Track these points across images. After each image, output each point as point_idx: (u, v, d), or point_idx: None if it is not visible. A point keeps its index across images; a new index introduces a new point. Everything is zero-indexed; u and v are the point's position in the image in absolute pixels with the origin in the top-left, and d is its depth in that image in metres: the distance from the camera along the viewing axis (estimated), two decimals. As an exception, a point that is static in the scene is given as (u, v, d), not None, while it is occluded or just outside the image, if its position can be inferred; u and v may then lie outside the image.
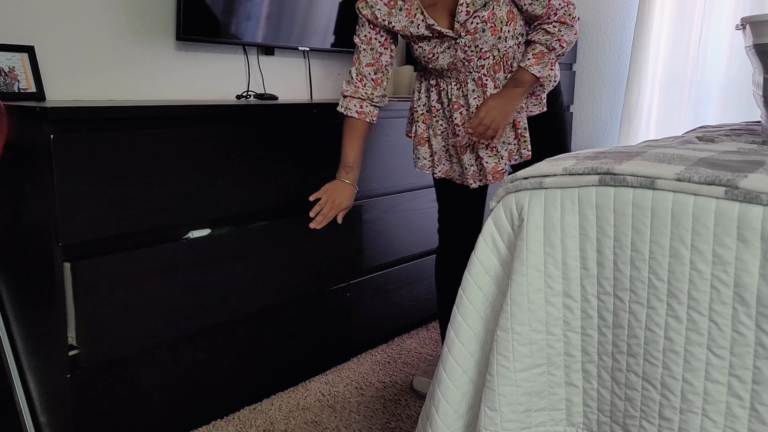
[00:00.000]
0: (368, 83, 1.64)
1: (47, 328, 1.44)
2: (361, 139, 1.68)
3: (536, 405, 1.07)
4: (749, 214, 0.84)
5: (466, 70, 1.59)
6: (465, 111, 1.62)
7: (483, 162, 1.63)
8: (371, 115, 1.68)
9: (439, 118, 1.68)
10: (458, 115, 1.62)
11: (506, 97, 1.54)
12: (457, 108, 1.62)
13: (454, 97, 1.62)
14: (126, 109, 1.43)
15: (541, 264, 1.02)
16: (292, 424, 1.73)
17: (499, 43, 1.56)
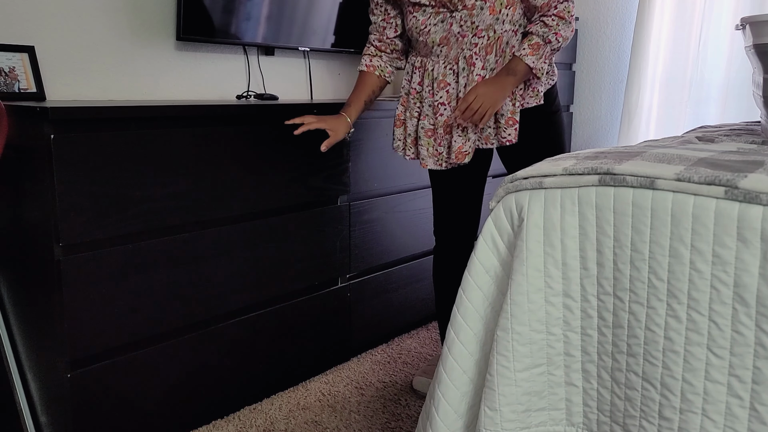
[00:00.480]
0: (374, 48, 1.75)
1: (47, 328, 1.44)
2: (365, 88, 1.73)
3: (536, 405, 1.07)
4: (749, 214, 0.84)
5: (459, 46, 1.59)
6: (453, 89, 1.62)
7: (452, 141, 1.62)
8: (381, 69, 1.73)
9: (416, 101, 1.68)
10: (444, 93, 1.62)
11: (498, 85, 1.53)
12: (443, 87, 1.62)
13: (441, 76, 1.62)
14: (126, 109, 1.43)
15: (541, 264, 1.02)
16: (292, 424, 1.73)
17: (496, 25, 1.56)
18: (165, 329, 1.58)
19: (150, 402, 1.58)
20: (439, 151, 1.65)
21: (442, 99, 1.62)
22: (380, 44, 1.74)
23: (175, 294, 1.59)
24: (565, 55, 3.03)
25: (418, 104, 1.68)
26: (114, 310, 1.48)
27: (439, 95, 1.63)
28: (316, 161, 1.87)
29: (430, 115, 1.65)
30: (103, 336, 1.47)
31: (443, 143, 1.64)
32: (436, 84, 1.63)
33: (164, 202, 1.53)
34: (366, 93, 1.75)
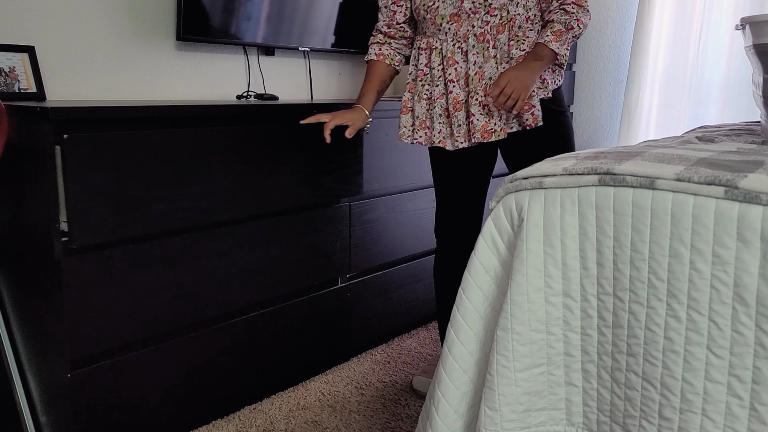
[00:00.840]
0: (384, 36, 1.74)
1: (47, 328, 1.44)
2: (377, 77, 1.73)
3: (536, 405, 1.07)
4: (749, 214, 0.84)
5: (469, 23, 1.58)
6: (461, 67, 1.61)
7: (474, 119, 1.61)
8: (391, 58, 1.73)
9: (425, 83, 1.67)
10: (453, 71, 1.61)
11: (527, 69, 1.53)
12: (452, 64, 1.61)
13: (449, 53, 1.61)
14: (126, 109, 1.43)
15: (540, 264, 1.02)
16: (292, 424, 1.73)
17: (510, 5, 1.57)
18: (165, 329, 1.58)
19: (150, 402, 1.58)
20: (452, 130, 1.64)
21: (451, 76, 1.61)
22: (389, 30, 1.73)
23: (175, 294, 1.59)
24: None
25: (427, 86, 1.67)
26: (114, 310, 1.48)
27: (449, 72, 1.61)
28: (316, 162, 1.87)
29: (445, 93, 1.64)
30: (103, 336, 1.47)
31: (454, 121, 1.63)
32: (446, 61, 1.61)
33: (165, 204, 1.53)
34: (378, 83, 1.74)
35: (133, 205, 1.47)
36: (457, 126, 1.63)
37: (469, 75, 1.60)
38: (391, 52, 1.74)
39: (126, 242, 1.49)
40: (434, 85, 1.65)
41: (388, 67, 1.74)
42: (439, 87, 1.64)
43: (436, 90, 1.65)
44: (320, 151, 1.88)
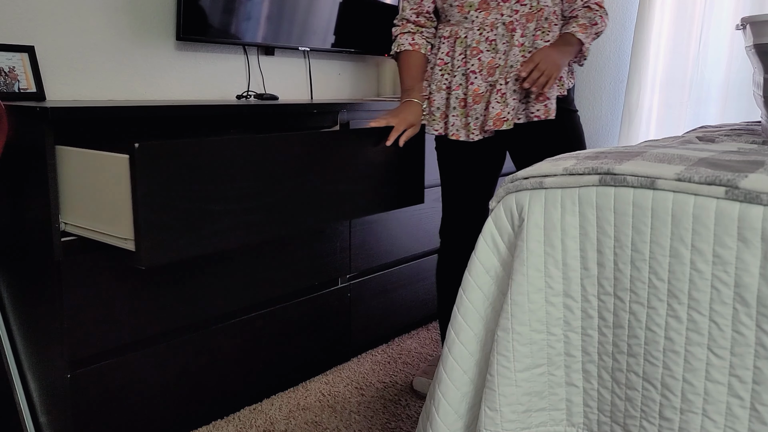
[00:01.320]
0: (413, 25, 1.69)
1: (47, 328, 1.44)
2: (418, 68, 1.67)
3: (537, 405, 1.07)
4: (749, 214, 0.84)
5: (498, 11, 1.57)
6: (486, 57, 1.59)
7: (490, 108, 1.59)
8: (425, 47, 1.68)
9: (445, 72, 1.65)
10: (476, 61, 1.59)
11: (560, 51, 1.53)
12: (476, 54, 1.59)
13: (474, 43, 1.59)
14: (126, 109, 1.43)
15: (541, 264, 1.02)
16: (292, 424, 1.73)
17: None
18: (165, 329, 1.58)
19: (150, 402, 1.58)
20: (469, 121, 1.62)
21: (474, 67, 1.60)
22: (418, 18, 1.69)
23: (175, 294, 1.59)
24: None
25: (447, 76, 1.65)
26: (114, 310, 1.48)
27: (471, 63, 1.60)
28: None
29: (462, 84, 1.62)
30: (103, 336, 1.47)
31: (472, 113, 1.61)
32: (469, 51, 1.60)
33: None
34: (421, 72, 1.69)
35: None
36: (474, 118, 1.61)
37: (497, 65, 1.59)
38: (423, 41, 1.69)
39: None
40: (453, 75, 1.63)
41: (423, 57, 1.69)
42: (457, 77, 1.63)
43: (454, 80, 1.63)
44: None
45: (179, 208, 1.24)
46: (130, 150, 1.16)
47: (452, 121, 1.65)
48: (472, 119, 1.62)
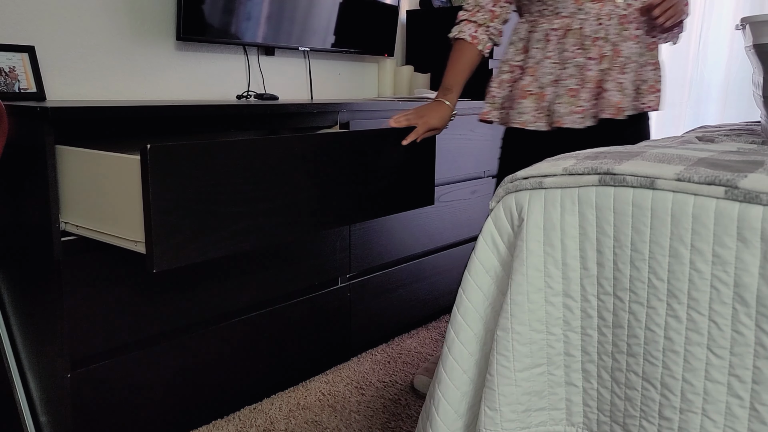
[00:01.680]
0: (485, 13, 1.62)
1: (47, 328, 1.44)
2: (468, 65, 1.61)
3: (536, 405, 1.07)
4: (749, 214, 0.84)
5: (613, 2, 1.56)
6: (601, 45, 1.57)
7: (606, 95, 1.57)
8: (484, 44, 1.62)
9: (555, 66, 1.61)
10: (596, 49, 1.57)
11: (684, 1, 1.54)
12: (594, 42, 1.57)
13: (594, 33, 1.57)
14: (126, 109, 1.43)
15: (541, 264, 1.02)
16: (292, 424, 1.73)
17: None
18: (165, 329, 1.58)
19: (150, 402, 1.58)
20: (583, 106, 1.58)
21: (592, 53, 1.57)
22: (494, 8, 1.60)
23: (175, 294, 1.59)
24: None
25: (557, 70, 1.61)
26: (114, 310, 1.48)
27: (591, 51, 1.58)
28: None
29: (575, 75, 1.59)
30: (103, 336, 1.47)
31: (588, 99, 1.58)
32: (589, 41, 1.57)
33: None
34: (469, 70, 1.61)
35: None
36: (579, 106, 1.58)
37: (605, 54, 1.58)
38: (486, 37, 1.62)
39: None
40: (563, 67, 1.60)
41: (479, 54, 1.61)
42: (569, 69, 1.59)
43: (564, 72, 1.60)
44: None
45: (191, 210, 1.21)
46: (141, 151, 1.14)
47: (556, 110, 1.60)
48: (587, 103, 1.59)
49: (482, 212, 2.62)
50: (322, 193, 1.49)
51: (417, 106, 1.65)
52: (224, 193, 1.27)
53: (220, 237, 1.27)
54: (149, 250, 1.17)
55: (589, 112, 1.59)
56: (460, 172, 2.46)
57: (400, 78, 2.78)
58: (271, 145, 1.35)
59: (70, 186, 1.36)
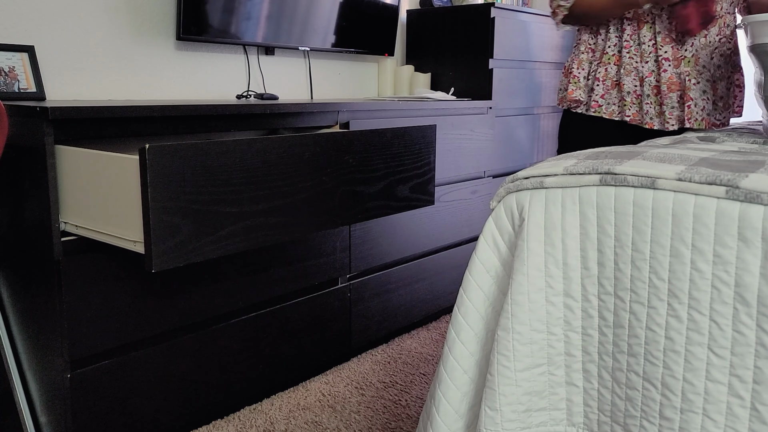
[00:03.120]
0: None
1: (47, 328, 1.44)
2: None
3: (537, 405, 1.07)
4: (750, 213, 0.84)
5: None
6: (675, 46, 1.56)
7: (692, 104, 1.56)
8: None
9: (632, 56, 1.60)
10: (669, 48, 1.56)
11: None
12: (669, 42, 1.56)
13: (666, 30, 1.56)
14: (126, 109, 1.43)
15: (541, 263, 1.02)
16: (292, 424, 1.73)
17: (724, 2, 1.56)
18: (165, 329, 1.58)
19: (150, 402, 1.58)
20: (664, 110, 1.58)
21: (667, 54, 1.57)
22: None
23: (175, 294, 1.59)
24: (566, 55, 3.03)
25: (636, 61, 1.60)
26: (114, 310, 1.48)
27: (664, 50, 1.57)
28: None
29: (655, 71, 1.59)
30: (103, 336, 1.47)
31: (667, 102, 1.58)
32: (660, 38, 1.56)
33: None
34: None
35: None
36: (670, 107, 1.58)
37: (684, 56, 1.56)
38: None
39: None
40: (644, 61, 1.59)
41: None
42: (649, 64, 1.58)
43: (645, 67, 1.59)
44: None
45: (190, 210, 1.22)
46: (140, 151, 1.14)
47: (646, 109, 1.59)
48: (667, 108, 1.58)
49: (482, 212, 2.61)
50: (322, 193, 1.49)
51: (417, 105, 1.65)
52: (224, 193, 1.27)
53: (220, 237, 1.27)
54: (148, 250, 1.17)
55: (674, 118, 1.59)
56: (460, 172, 2.45)
57: (401, 78, 2.77)
58: (271, 145, 1.35)
59: (70, 186, 1.36)
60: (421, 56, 2.84)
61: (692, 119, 1.57)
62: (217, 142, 1.25)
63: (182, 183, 1.20)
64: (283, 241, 1.61)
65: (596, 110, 1.66)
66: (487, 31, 2.60)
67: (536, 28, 2.81)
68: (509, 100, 2.72)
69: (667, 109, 1.58)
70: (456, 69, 2.72)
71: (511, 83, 2.71)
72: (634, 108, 1.62)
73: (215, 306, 1.68)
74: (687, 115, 1.57)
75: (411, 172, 1.69)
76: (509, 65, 2.72)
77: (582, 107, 1.70)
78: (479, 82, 2.64)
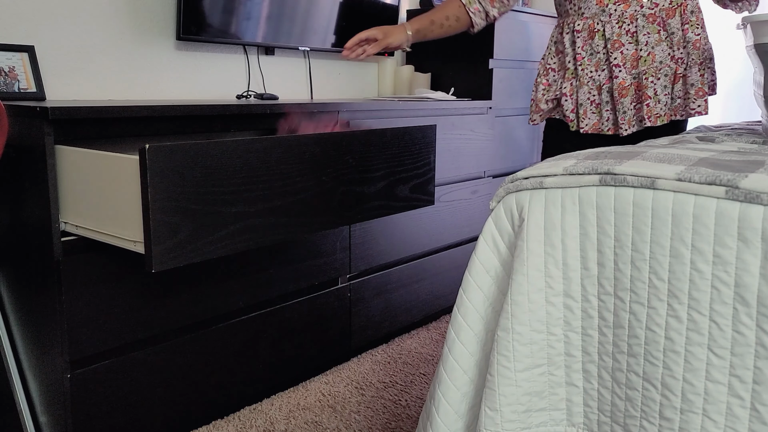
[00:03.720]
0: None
1: (47, 328, 1.44)
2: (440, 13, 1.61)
3: (537, 405, 1.07)
4: (750, 214, 0.84)
5: (638, 3, 1.55)
6: (628, 49, 1.57)
7: (650, 102, 1.57)
8: (470, 5, 1.62)
9: (584, 67, 1.62)
10: (619, 54, 1.57)
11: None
12: (618, 47, 1.57)
13: (615, 36, 1.57)
14: (126, 109, 1.43)
15: (541, 264, 1.02)
16: (292, 424, 1.73)
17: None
18: (165, 329, 1.58)
19: (150, 402, 1.58)
20: (617, 116, 1.59)
21: (617, 60, 1.57)
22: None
23: (175, 294, 1.59)
24: (566, 55, 3.03)
25: (590, 71, 1.61)
26: (114, 310, 1.48)
27: (614, 56, 1.58)
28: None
29: (610, 79, 1.60)
30: (103, 336, 1.47)
31: (619, 107, 1.59)
32: (610, 45, 1.57)
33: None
34: (438, 15, 1.62)
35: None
36: (622, 112, 1.59)
37: (640, 56, 1.57)
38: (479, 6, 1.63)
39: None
40: (600, 69, 1.60)
41: (459, 9, 1.62)
42: (605, 72, 1.60)
43: (602, 75, 1.60)
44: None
45: (190, 210, 1.21)
46: (140, 151, 1.14)
47: (606, 116, 1.61)
48: (620, 113, 1.59)
49: (482, 212, 2.61)
50: (322, 193, 1.49)
51: (417, 105, 1.65)
52: (223, 193, 1.27)
53: (219, 237, 1.27)
54: (148, 250, 1.17)
55: (627, 122, 1.60)
56: (460, 172, 2.45)
57: (401, 78, 2.77)
58: (270, 145, 1.35)
59: (70, 186, 1.36)
60: (421, 56, 2.84)
61: (652, 117, 1.58)
62: (217, 142, 1.25)
63: (182, 183, 1.20)
64: (283, 241, 1.61)
65: (571, 125, 1.68)
66: (487, 31, 2.60)
67: (536, 28, 2.81)
68: (509, 100, 2.72)
69: (620, 115, 1.60)
70: (456, 69, 2.72)
71: (511, 83, 2.71)
72: (594, 117, 1.64)
73: (215, 306, 1.68)
74: (647, 113, 1.58)
75: (411, 172, 1.69)
76: (509, 65, 2.72)
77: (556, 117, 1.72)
78: (479, 82, 2.64)
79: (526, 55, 2.79)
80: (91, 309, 1.43)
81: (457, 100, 2.49)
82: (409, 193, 1.73)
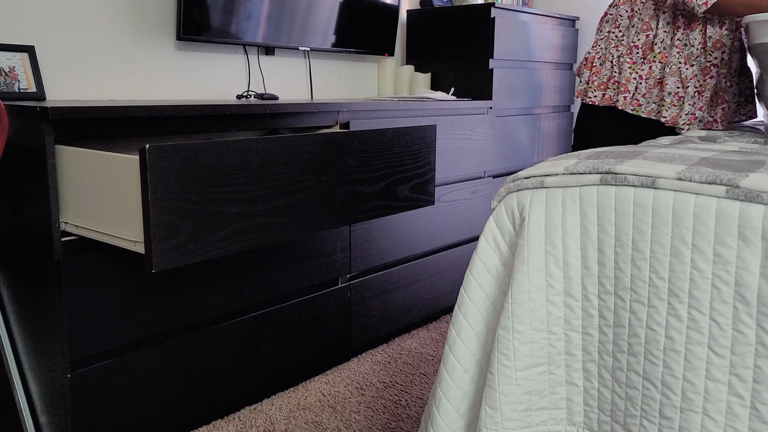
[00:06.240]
0: None
1: (47, 328, 1.44)
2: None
3: (537, 404, 1.07)
4: (750, 213, 0.84)
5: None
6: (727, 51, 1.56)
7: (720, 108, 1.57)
8: None
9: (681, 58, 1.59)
10: (719, 54, 1.56)
11: None
12: (719, 47, 1.55)
13: (717, 36, 1.55)
14: (126, 109, 1.43)
15: (542, 263, 1.02)
16: (292, 424, 1.73)
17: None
18: (165, 329, 1.58)
19: (150, 402, 1.58)
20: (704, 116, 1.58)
21: (716, 61, 1.56)
22: None
23: (175, 293, 1.59)
24: (566, 55, 3.03)
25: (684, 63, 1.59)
26: (114, 309, 1.48)
27: (714, 56, 1.56)
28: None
29: (698, 75, 1.59)
30: (103, 336, 1.47)
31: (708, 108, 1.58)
32: (711, 43, 1.56)
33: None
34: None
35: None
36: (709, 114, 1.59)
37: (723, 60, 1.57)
38: None
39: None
40: (689, 64, 1.58)
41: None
42: (695, 68, 1.58)
43: (689, 70, 1.57)
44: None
45: (190, 211, 1.21)
46: (140, 151, 1.14)
47: (687, 110, 1.58)
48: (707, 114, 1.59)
49: (483, 212, 2.62)
50: (322, 193, 1.49)
51: (417, 105, 1.65)
52: (223, 193, 1.27)
53: (219, 237, 1.27)
54: (148, 250, 1.17)
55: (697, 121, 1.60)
56: (460, 172, 2.46)
57: (401, 78, 2.77)
58: (270, 145, 1.35)
59: (70, 186, 1.36)
60: (421, 56, 2.84)
61: (725, 121, 1.59)
62: (217, 142, 1.25)
63: (182, 183, 1.20)
64: (283, 241, 1.61)
65: (635, 109, 1.63)
66: (487, 31, 2.60)
67: (536, 28, 2.81)
68: (509, 100, 2.72)
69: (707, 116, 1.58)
70: (456, 69, 2.72)
71: (511, 83, 2.71)
72: (674, 110, 1.60)
73: (215, 306, 1.68)
74: (721, 117, 1.58)
75: (411, 172, 1.69)
76: (509, 65, 2.72)
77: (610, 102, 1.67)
78: (479, 82, 2.64)
79: (527, 55, 2.79)
80: (91, 309, 1.43)
81: (457, 100, 2.49)
82: (409, 193, 1.73)
